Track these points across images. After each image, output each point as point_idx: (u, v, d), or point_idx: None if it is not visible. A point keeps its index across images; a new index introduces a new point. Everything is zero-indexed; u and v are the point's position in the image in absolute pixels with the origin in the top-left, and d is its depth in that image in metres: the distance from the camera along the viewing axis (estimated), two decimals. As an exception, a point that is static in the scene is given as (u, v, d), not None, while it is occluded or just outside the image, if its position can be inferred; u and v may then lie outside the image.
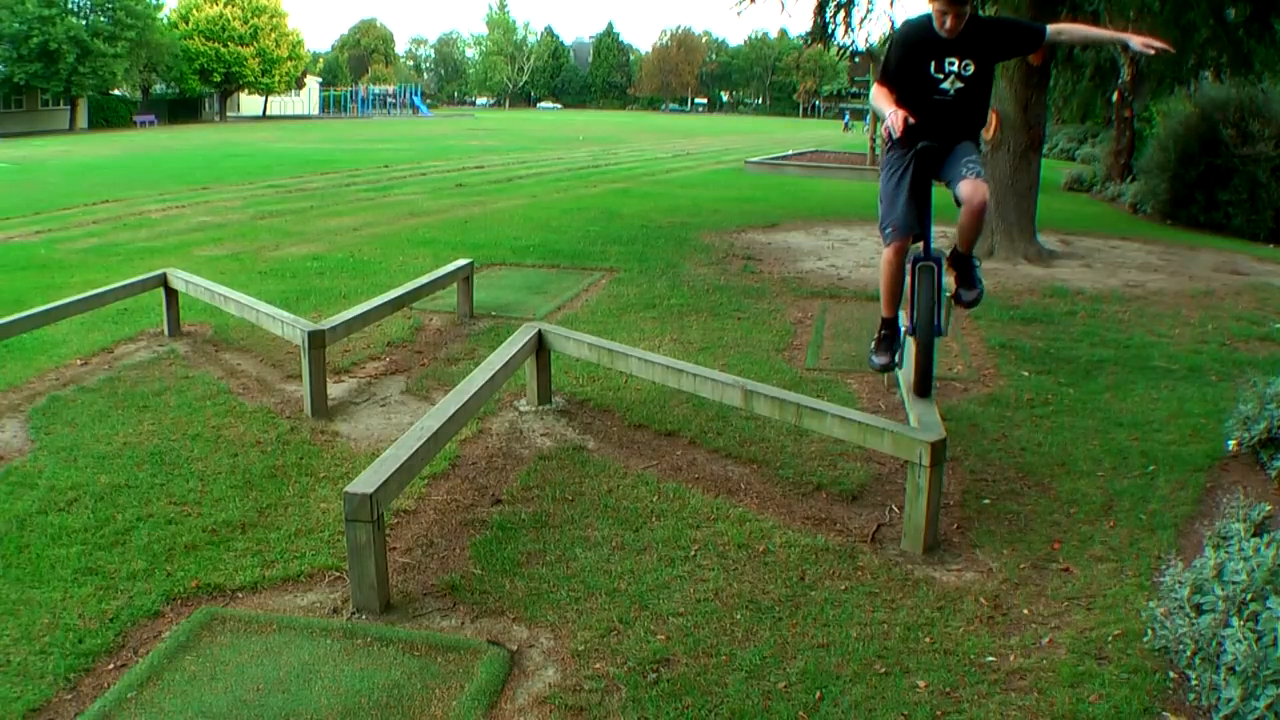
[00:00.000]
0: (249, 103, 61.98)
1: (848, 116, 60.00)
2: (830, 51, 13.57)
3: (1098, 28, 4.05)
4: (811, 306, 7.36)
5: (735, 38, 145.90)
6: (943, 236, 11.04)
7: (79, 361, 5.58)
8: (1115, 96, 18.41)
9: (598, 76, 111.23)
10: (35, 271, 8.25)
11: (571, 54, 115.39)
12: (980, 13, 10.44)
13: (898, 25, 12.06)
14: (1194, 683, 2.63)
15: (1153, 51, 3.74)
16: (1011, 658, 2.84)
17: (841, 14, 11.40)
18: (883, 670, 2.77)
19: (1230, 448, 4.36)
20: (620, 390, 5.16)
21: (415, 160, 22.51)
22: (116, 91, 47.98)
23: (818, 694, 2.65)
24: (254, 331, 6.11)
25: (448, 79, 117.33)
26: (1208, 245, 11.48)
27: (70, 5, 41.84)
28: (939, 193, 4.27)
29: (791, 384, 5.21)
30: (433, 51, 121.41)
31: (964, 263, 4.38)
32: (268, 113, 62.15)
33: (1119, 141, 18.53)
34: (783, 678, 2.72)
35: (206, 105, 56.07)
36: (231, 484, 3.95)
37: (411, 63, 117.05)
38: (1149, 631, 2.87)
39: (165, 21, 50.18)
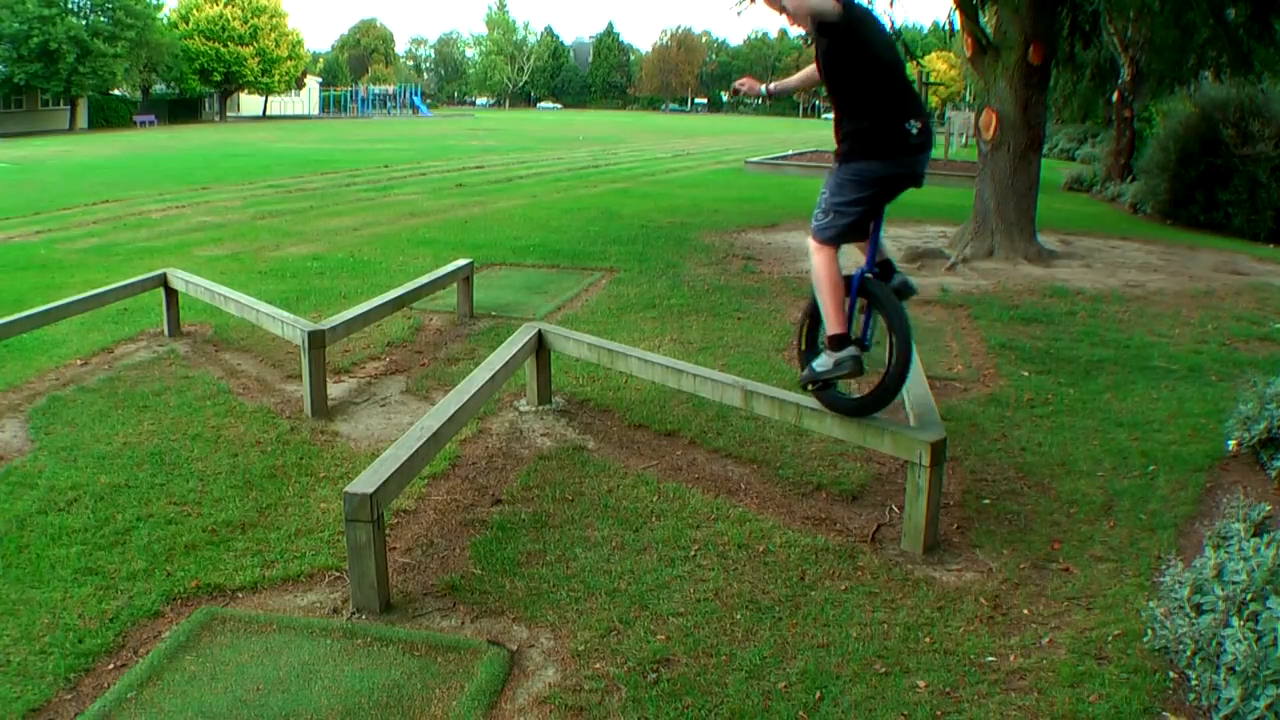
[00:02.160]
0: (249, 103, 61.97)
1: None
2: (830, 51, 13.54)
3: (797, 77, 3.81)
4: (811, 306, 7.35)
5: (735, 38, 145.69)
6: (943, 236, 11.06)
7: (79, 361, 5.58)
8: (1115, 96, 18.42)
9: (598, 76, 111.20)
10: (35, 271, 8.25)
11: (571, 54, 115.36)
12: (981, 12, 10.45)
13: (898, 25, 12.08)
14: (1194, 683, 2.63)
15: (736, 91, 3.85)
16: (1011, 658, 2.84)
17: (841, 14, 11.38)
18: (883, 670, 2.77)
19: (1230, 448, 4.36)
20: (620, 390, 5.16)
21: (415, 160, 22.51)
22: (116, 91, 47.95)
23: (818, 694, 2.65)
24: (254, 331, 6.11)
25: (448, 79, 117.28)
26: (1208, 245, 11.48)
27: (70, 5, 41.82)
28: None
29: (791, 384, 5.20)
30: (433, 51, 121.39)
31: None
32: (268, 113, 62.16)
33: (1119, 141, 18.53)
34: (783, 678, 2.73)
35: (206, 105, 56.05)
36: (231, 484, 3.95)
37: (411, 63, 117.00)
38: (1149, 631, 2.87)
39: (165, 21, 50.17)
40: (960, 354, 6.07)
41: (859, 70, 3.30)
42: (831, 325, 3.51)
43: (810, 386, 3.68)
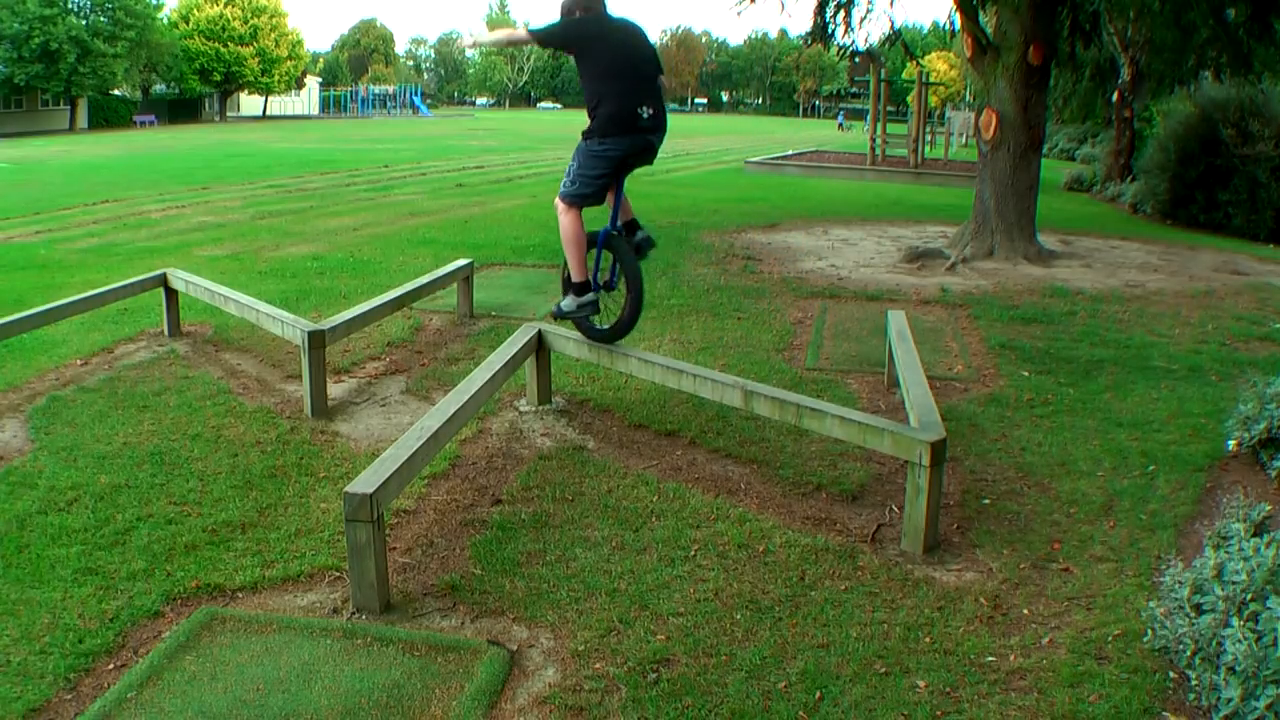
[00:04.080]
0: (249, 103, 61.95)
1: (841, 116, 59.79)
2: (830, 51, 13.55)
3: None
4: (811, 306, 7.36)
5: (735, 38, 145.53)
6: (943, 236, 11.07)
7: (79, 361, 5.58)
8: (1115, 96, 18.41)
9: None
10: (35, 271, 8.25)
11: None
12: (981, 11, 10.47)
13: (898, 25, 12.08)
14: (1194, 683, 2.63)
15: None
16: (1011, 658, 2.84)
17: (841, 14, 11.39)
18: (883, 670, 2.77)
19: (1230, 448, 4.36)
20: (620, 390, 5.16)
21: (415, 160, 22.51)
22: (116, 91, 47.92)
23: (818, 694, 2.65)
24: (254, 331, 6.11)
25: (448, 79, 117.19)
26: (1208, 245, 11.48)
27: (70, 5, 41.80)
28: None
29: (791, 384, 5.21)
30: (433, 51, 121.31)
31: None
32: (268, 113, 62.13)
33: (1119, 141, 18.53)
34: (783, 678, 2.73)
35: (206, 105, 56.04)
36: (231, 484, 3.95)
37: (411, 63, 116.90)
38: (1149, 631, 2.87)
39: (165, 21, 50.15)
40: (960, 354, 6.07)
41: (597, 70, 4.09)
42: (576, 274, 4.37)
43: (558, 320, 4.62)
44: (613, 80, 4.06)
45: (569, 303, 4.43)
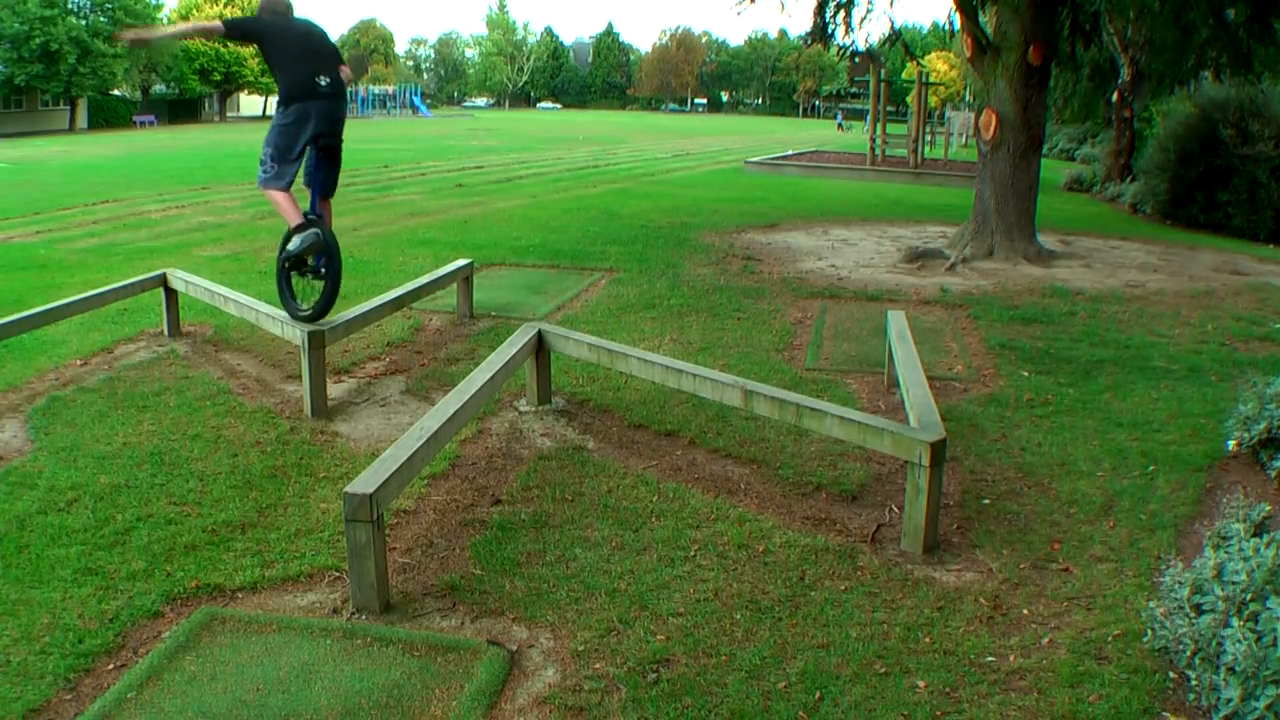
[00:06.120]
0: (249, 103, 62.00)
1: (840, 116, 59.73)
2: (830, 51, 13.57)
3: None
4: (811, 306, 7.36)
5: (735, 38, 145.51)
6: (943, 237, 11.06)
7: (79, 361, 5.58)
8: (1115, 96, 18.41)
9: (598, 76, 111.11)
10: (35, 271, 8.25)
11: (571, 54, 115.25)
12: (981, 12, 10.46)
13: (898, 25, 12.07)
14: (1194, 683, 2.63)
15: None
16: (1011, 658, 2.84)
17: (841, 14, 11.39)
18: (883, 670, 2.77)
19: (1230, 448, 4.37)
20: (620, 390, 5.16)
21: (415, 160, 22.50)
22: (116, 91, 47.93)
23: (818, 694, 2.65)
24: (254, 331, 6.11)
25: (448, 79, 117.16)
26: (1208, 245, 11.48)
27: (70, 5, 41.80)
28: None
29: (791, 384, 5.21)
30: (433, 52, 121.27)
31: None
32: (268, 113, 62.14)
33: (1119, 141, 18.53)
34: (783, 678, 2.73)
35: (206, 105, 56.05)
36: (231, 484, 3.95)
37: (411, 63, 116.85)
38: (1149, 631, 2.87)
39: (165, 21, 50.14)
40: (960, 354, 6.07)
41: (279, 55, 4.81)
42: (292, 220, 4.94)
43: (288, 264, 5.06)
44: (292, 60, 4.77)
45: (295, 243, 4.89)
